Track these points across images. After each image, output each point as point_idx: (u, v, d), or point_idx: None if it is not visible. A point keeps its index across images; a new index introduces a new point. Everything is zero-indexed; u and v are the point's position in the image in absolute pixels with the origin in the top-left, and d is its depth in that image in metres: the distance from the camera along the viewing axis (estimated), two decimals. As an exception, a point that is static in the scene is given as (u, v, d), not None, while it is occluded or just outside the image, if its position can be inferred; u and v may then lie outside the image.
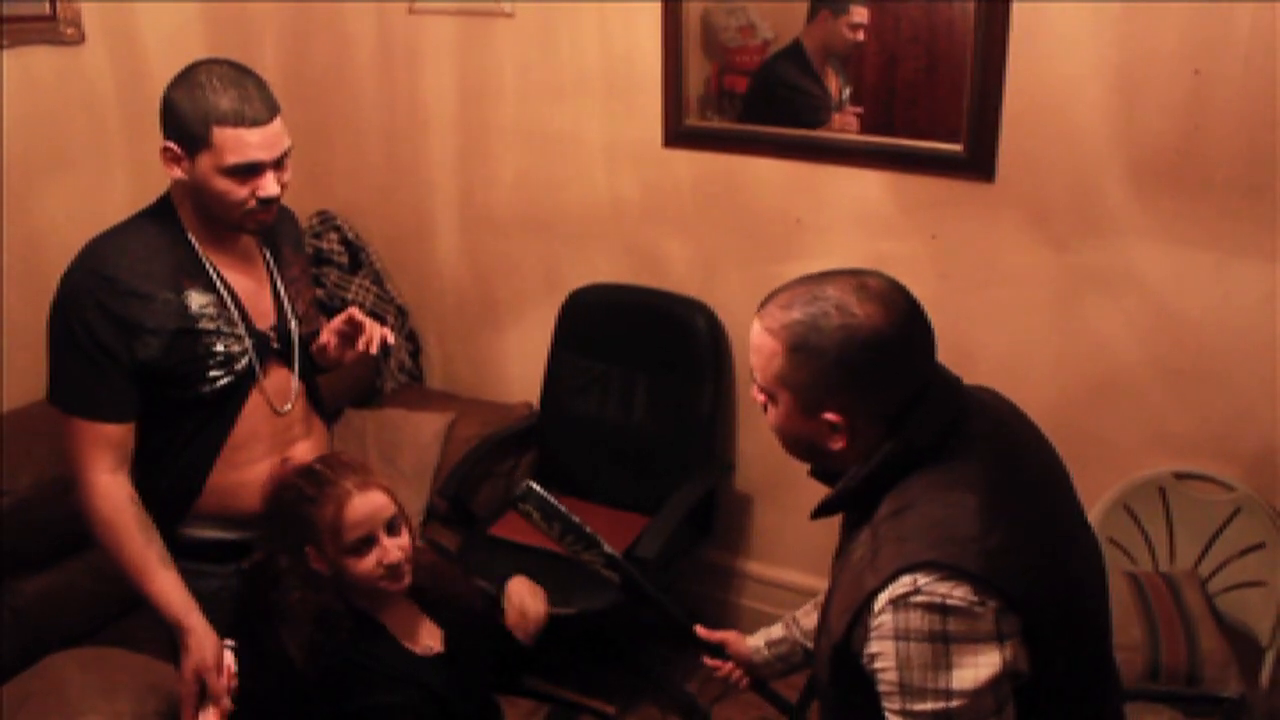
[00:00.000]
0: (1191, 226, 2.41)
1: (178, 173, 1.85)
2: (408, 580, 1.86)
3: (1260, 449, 2.49)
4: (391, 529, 1.83)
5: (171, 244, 1.90)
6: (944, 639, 1.26)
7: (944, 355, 1.50)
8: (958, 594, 1.26)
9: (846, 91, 2.73)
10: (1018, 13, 2.42)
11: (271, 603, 1.78)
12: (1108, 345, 2.56)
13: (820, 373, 1.37)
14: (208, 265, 1.92)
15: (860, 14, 2.61)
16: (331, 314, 2.12)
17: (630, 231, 3.11)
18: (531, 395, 3.33)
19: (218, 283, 1.92)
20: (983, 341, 2.66)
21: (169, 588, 1.86)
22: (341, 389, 3.21)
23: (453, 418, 3.30)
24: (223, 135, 1.79)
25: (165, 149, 1.84)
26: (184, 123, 1.81)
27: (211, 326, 1.89)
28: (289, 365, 2.03)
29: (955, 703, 1.27)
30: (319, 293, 3.29)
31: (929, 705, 1.28)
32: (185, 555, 1.93)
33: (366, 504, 1.80)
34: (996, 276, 2.63)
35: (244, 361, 1.93)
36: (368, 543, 1.80)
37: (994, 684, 1.28)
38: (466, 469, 3.07)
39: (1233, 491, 2.53)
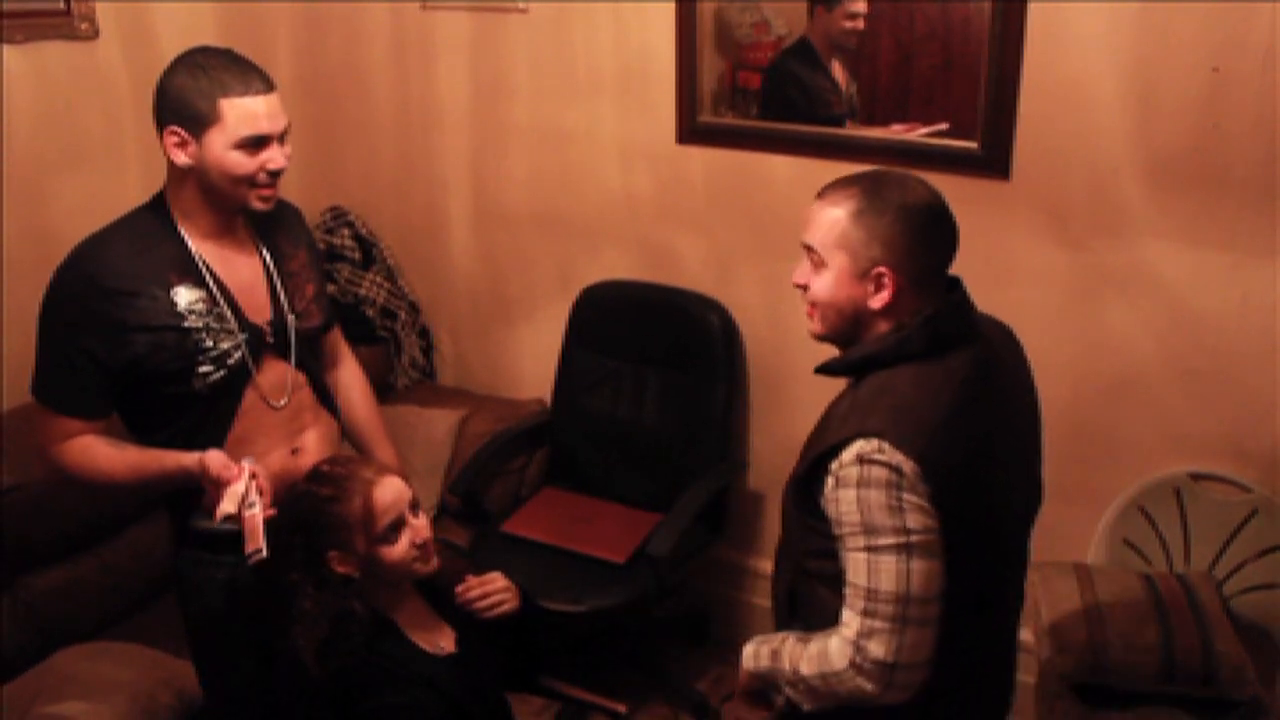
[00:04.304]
0: (1209, 226, 2.39)
1: (183, 158, 1.85)
2: (435, 561, 1.87)
3: (1277, 450, 2.47)
4: (414, 510, 1.85)
5: (162, 240, 1.91)
6: (897, 489, 1.48)
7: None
8: (908, 467, 1.48)
9: (853, 86, 2.73)
10: (1034, 9, 2.41)
11: (285, 607, 1.77)
12: (1124, 346, 2.54)
13: (880, 227, 1.56)
14: (199, 260, 1.92)
15: (857, 4, 2.63)
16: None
17: (643, 228, 3.10)
18: (544, 392, 3.33)
19: (208, 278, 1.92)
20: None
21: (163, 459, 1.90)
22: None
23: (465, 414, 3.30)
24: (231, 106, 1.81)
25: (170, 133, 1.84)
26: (190, 102, 1.81)
27: (200, 323, 1.89)
28: (287, 359, 2.03)
29: (914, 538, 1.48)
30: (331, 288, 3.28)
31: (890, 540, 1.49)
32: (197, 546, 1.94)
33: (390, 488, 1.82)
34: (1011, 275, 2.61)
35: (236, 356, 1.93)
36: (397, 527, 1.81)
37: (937, 535, 1.50)
38: (479, 465, 3.06)
39: (1249, 493, 2.51)
